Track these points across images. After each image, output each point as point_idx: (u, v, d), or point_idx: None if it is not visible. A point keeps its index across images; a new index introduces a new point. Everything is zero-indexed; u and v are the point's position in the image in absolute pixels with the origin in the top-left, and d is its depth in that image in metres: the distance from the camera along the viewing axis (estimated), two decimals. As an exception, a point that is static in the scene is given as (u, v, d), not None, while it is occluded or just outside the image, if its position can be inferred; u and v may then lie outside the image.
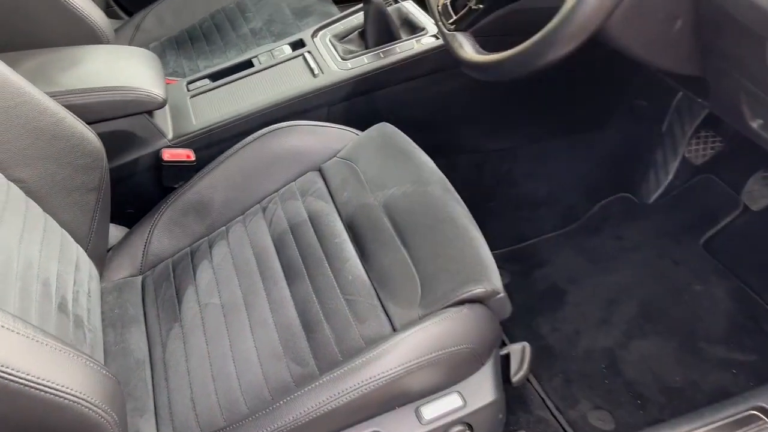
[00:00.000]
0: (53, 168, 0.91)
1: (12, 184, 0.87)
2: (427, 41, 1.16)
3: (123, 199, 1.10)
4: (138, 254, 1.06)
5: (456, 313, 0.78)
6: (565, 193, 1.37)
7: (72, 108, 0.95)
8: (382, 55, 1.15)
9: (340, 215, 0.98)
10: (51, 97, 0.97)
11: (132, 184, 1.11)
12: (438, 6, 0.84)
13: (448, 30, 0.81)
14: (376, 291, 0.86)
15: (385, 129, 1.07)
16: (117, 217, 1.10)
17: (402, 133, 1.05)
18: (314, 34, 1.26)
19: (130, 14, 1.81)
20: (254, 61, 1.23)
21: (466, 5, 0.79)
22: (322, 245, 0.95)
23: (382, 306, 0.85)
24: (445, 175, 1.00)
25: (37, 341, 0.57)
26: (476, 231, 0.88)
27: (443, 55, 1.14)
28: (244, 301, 0.92)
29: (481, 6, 0.78)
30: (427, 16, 1.22)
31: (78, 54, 1.08)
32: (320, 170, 1.07)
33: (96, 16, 1.14)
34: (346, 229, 0.96)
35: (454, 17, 0.81)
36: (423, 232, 0.88)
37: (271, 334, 0.87)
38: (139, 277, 1.05)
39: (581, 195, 1.38)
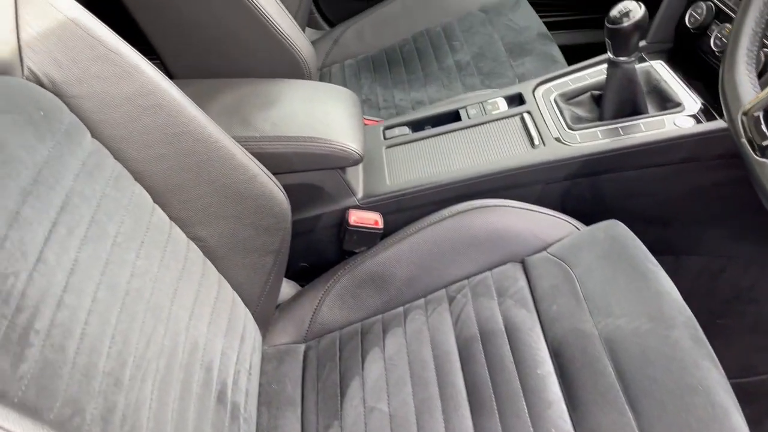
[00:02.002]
0: (236, 227, 0.82)
1: (192, 243, 0.79)
2: (683, 122, 0.92)
3: (297, 252, 1.00)
4: (305, 319, 0.95)
5: None
6: (822, 322, 1.07)
7: (262, 156, 0.86)
8: (621, 132, 0.94)
9: (545, 335, 0.80)
10: (244, 142, 0.89)
11: (310, 239, 1.00)
12: (742, 115, 0.61)
13: (759, 155, 0.58)
14: (586, 464, 0.68)
15: (615, 230, 0.86)
16: (287, 269, 1.01)
17: (637, 241, 0.84)
18: (536, 89, 1.07)
19: (332, 25, 1.74)
20: (462, 113, 1.07)
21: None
22: (518, 372, 0.77)
23: (594, 490, 0.66)
24: (670, 277, 0.78)
25: None
26: (739, 417, 0.66)
27: (703, 143, 0.91)
28: (417, 420, 0.78)
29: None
30: (686, 86, 0.98)
31: (277, 90, 0.99)
32: (523, 264, 0.89)
33: (302, 46, 1.04)
34: (551, 357, 0.78)
35: (772, 138, 0.58)
36: (661, 398, 0.68)
37: (445, 480, 0.72)
38: (302, 346, 0.94)
39: None
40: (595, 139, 0.95)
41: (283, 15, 1.02)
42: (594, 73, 1.06)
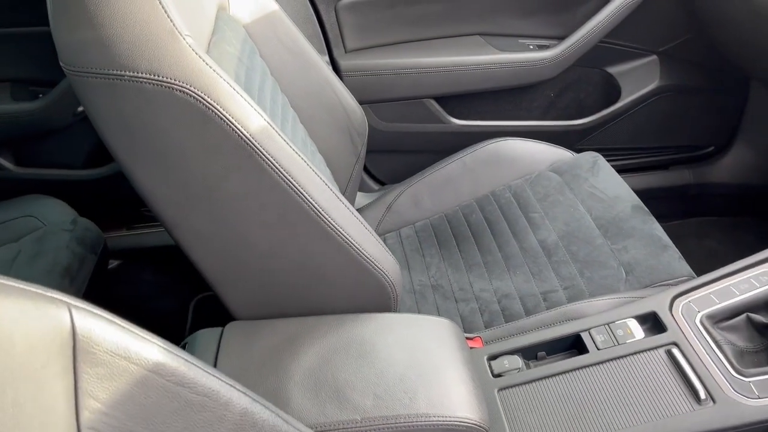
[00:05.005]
0: None
1: None
2: None
3: None
4: None
5: None
6: None
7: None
8: (809, 383, 0.75)
9: None
10: (343, 429, 0.69)
11: None
12: None
13: None
14: None
15: None
16: None
17: None
18: (672, 304, 0.88)
19: (381, 183, 1.58)
20: (585, 338, 0.88)
21: None
22: None
23: None
24: None
25: None
26: None
27: None
28: None
29: None
30: None
31: (368, 335, 0.79)
32: None
33: (389, 267, 0.86)
34: None
35: None
36: None
37: None
38: None
39: None
40: (777, 392, 0.75)
41: (366, 234, 0.84)
42: (741, 286, 0.87)
